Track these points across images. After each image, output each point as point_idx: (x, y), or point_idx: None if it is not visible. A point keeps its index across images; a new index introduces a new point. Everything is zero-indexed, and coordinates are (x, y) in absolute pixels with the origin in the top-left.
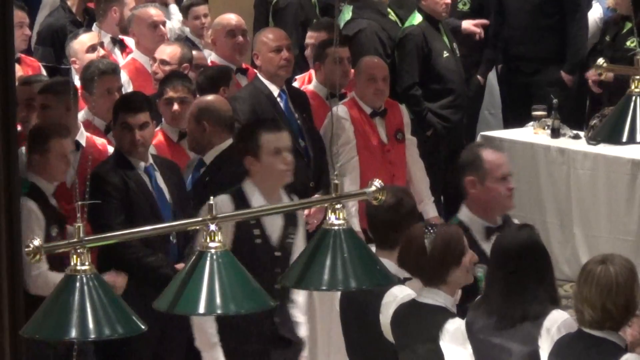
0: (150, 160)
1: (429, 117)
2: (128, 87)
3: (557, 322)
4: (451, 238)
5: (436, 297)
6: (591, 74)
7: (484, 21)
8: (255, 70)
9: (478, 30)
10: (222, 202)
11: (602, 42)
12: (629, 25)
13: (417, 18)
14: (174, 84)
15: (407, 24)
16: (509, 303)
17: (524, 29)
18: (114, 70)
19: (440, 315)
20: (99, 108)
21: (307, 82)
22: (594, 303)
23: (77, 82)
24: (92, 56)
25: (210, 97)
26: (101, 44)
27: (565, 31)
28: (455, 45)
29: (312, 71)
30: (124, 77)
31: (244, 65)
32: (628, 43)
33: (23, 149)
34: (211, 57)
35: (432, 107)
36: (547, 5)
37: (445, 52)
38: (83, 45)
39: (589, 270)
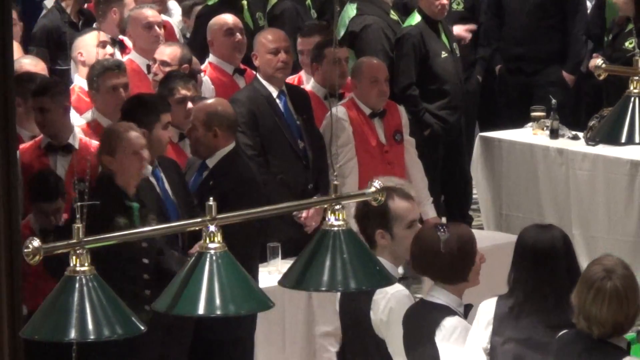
0: (156, 162)
1: (426, 117)
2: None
3: None
4: (467, 237)
5: (441, 297)
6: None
7: (473, 26)
8: (254, 72)
9: (468, 35)
10: None
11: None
12: (630, 26)
13: (415, 18)
14: (185, 82)
15: (406, 24)
16: (557, 309)
17: (525, 30)
18: (119, 66)
19: (440, 312)
20: (106, 107)
21: (297, 84)
22: (605, 321)
23: (78, 78)
24: (101, 51)
25: (213, 101)
26: (103, 44)
27: (567, 31)
28: (455, 45)
29: (301, 73)
30: None
31: (241, 66)
32: (626, 44)
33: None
34: (209, 58)
35: (430, 107)
36: (547, 6)
37: (443, 52)
38: (94, 39)
39: (597, 289)
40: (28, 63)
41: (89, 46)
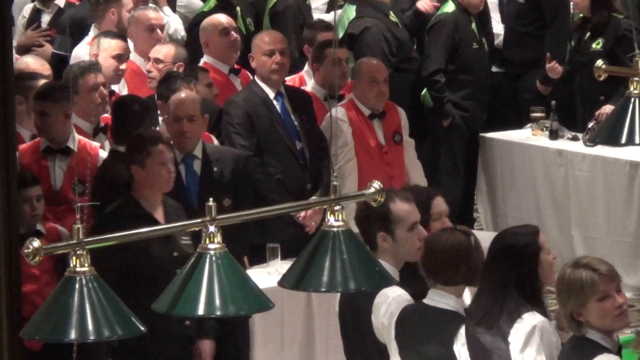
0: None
1: (448, 107)
2: (124, 89)
3: (528, 324)
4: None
5: (446, 301)
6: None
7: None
8: (248, 72)
9: (432, 11)
10: None
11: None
12: (589, 32)
13: (449, 6)
14: (187, 81)
15: (439, 12)
16: (492, 302)
17: (507, 35)
18: (95, 66)
19: (455, 321)
20: (86, 107)
21: (298, 84)
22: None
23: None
24: (113, 63)
25: (191, 92)
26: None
27: (543, 39)
28: (484, 39)
29: (302, 73)
30: None
31: (236, 66)
32: (594, 45)
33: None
34: (204, 58)
35: (454, 97)
36: (527, 13)
37: (474, 43)
38: (111, 50)
39: (560, 276)
40: (32, 62)
41: (105, 52)
